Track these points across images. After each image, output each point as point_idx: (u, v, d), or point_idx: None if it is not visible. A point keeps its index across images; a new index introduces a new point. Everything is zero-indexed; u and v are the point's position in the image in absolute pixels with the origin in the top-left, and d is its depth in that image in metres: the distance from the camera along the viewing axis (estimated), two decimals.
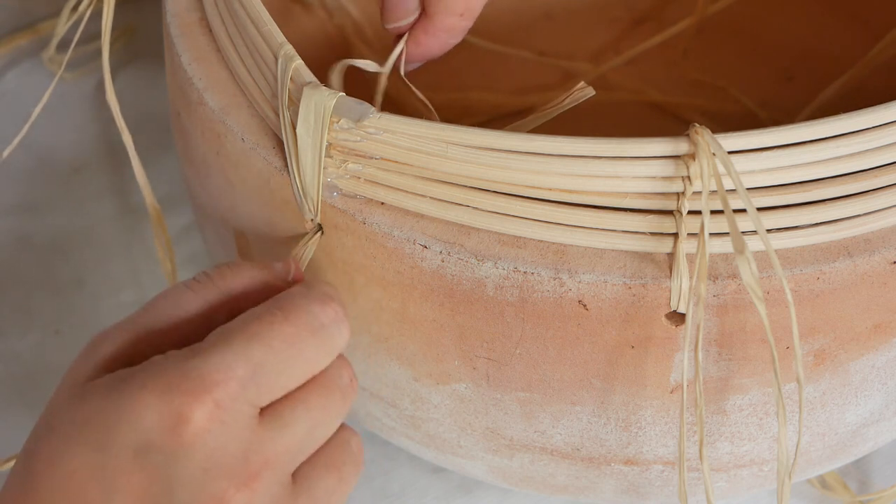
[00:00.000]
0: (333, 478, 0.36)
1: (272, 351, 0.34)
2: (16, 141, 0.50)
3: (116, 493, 0.32)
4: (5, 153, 0.51)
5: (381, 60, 0.45)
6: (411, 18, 0.44)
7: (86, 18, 0.49)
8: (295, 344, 0.35)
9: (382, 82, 0.45)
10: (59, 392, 0.35)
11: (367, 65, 0.44)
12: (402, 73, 0.44)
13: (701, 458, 0.37)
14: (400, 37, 0.44)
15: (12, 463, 0.35)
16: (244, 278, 0.37)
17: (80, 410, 0.33)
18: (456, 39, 0.44)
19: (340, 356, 0.37)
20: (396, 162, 0.37)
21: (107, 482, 0.32)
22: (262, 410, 0.34)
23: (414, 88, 0.45)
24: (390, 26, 0.43)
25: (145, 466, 0.33)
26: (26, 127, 0.50)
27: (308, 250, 0.39)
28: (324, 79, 0.38)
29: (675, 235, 0.36)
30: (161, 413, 0.33)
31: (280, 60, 0.38)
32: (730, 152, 0.35)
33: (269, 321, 0.35)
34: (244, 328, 0.34)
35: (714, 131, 0.35)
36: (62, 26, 0.65)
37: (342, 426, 0.37)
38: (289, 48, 0.38)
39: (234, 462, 0.33)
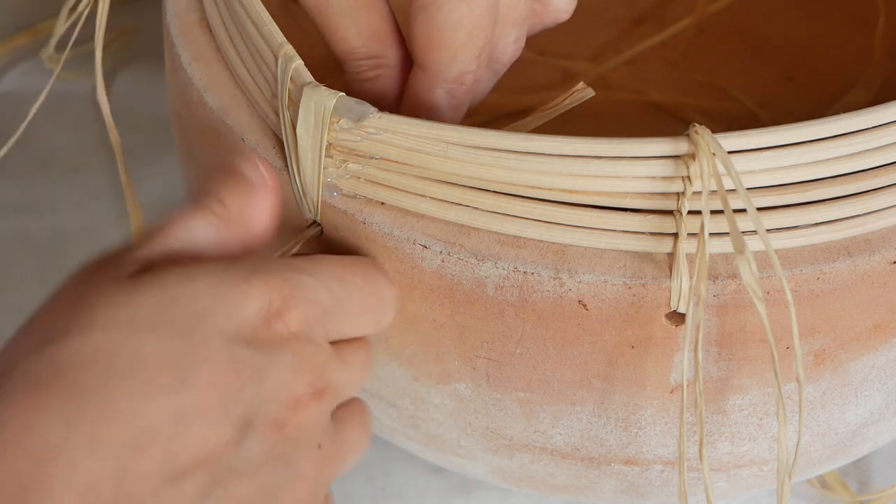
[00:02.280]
0: (358, 430, 0.37)
1: (349, 297, 0.36)
2: (12, 140, 0.50)
3: (193, 382, 0.31)
4: (3, 152, 0.51)
5: None
6: None
7: (83, 18, 0.49)
8: (366, 297, 0.36)
9: None
10: (85, 290, 0.32)
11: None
12: None
13: (701, 458, 0.37)
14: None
15: None
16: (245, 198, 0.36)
17: (148, 299, 0.31)
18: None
19: None
20: (396, 162, 0.37)
21: (184, 370, 0.30)
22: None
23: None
24: None
25: (233, 357, 0.31)
26: (23, 126, 0.50)
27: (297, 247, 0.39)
28: (323, 79, 0.38)
29: (675, 235, 0.36)
30: (261, 307, 0.33)
31: (280, 60, 0.38)
32: (730, 152, 0.35)
33: (351, 272, 0.36)
34: (332, 269, 0.36)
35: (714, 131, 0.35)
36: (61, 26, 0.65)
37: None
38: (289, 48, 0.38)
39: (313, 373, 0.34)
